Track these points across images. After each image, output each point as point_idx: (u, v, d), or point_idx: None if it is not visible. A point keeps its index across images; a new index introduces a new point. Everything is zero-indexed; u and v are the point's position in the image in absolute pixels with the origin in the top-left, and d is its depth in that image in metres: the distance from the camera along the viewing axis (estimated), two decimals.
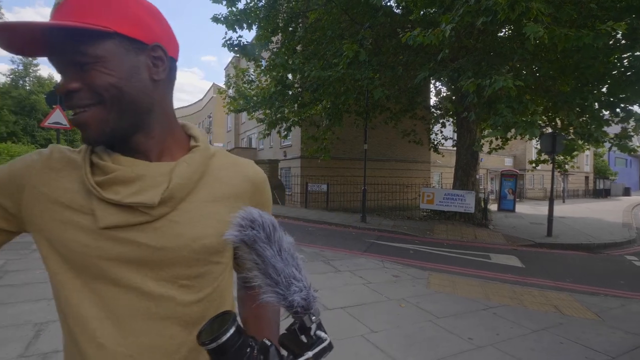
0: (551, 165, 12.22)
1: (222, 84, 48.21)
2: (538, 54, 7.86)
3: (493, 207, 18.59)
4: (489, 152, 15.21)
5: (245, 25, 9.83)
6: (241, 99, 12.61)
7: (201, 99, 61.55)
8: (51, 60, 0.57)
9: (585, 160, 40.48)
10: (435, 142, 14.64)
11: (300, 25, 11.15)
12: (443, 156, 17.75)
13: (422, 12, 7.85)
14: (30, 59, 44.48)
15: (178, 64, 0.66)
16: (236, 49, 10.29)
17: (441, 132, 14.30)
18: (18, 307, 3.39)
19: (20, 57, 43.48)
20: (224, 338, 0.47)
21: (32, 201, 0.58)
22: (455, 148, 12.69)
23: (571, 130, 9.72)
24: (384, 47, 10.22)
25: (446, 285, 4.80)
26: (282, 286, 0.49)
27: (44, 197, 0.58)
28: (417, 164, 19.71)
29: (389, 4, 10.82)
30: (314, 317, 0.51)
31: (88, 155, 0.60)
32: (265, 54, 11.53)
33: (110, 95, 0.56)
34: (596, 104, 7.79)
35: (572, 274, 6.16)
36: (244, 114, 15.20)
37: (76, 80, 0.55)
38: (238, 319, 0.51)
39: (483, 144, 12.82)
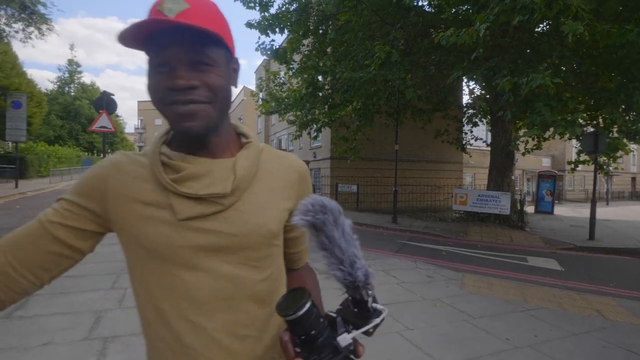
0: (593, 165, 11.73)
1: (252, 87, 49.08)
2: (579, 50, 7.57)
3: (530, 209, 17.97)
4: (524, 154, 14.72)
5: (277, 30, 10.08)
6: (273, 101, 12.90)
7: (232, 102, 63.28)
8: (171, 53, 0.60)
9: (632, 160, 38.11)
10: (464, 142, 14.29)
11: (331, 27, 11.28)
12: (470, 156, 17.32)
13: (453, 10, 7.74)
14: (75, 66, 47.30)
15: None
16: (268, 52, 10.56)
17: (471, 131, 13.98)
18: (79, 296, 3.70)
19: (66, 65, 46.33)
20: (303, 310, 0.54)
21: (115, 204, 0.65)
22: (489, 148, 12.39)
23: (614, 129, 9.26)
24: (415, 48, 10.15)
25: (481, 286, 4.76)
26: (346, 264, 0.56)
27: (124, 198, 0.65)
28: (449, 165, 19.32)
29: (420, 3, 10.75)
30: (370, 292, 0.58)
31: (158, 157, 0.67)
32: (297, 57, 11.73)
33: (221, 96, 0.64)
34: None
35: (615, 278, 5.91)
36: (275, 116, 15.53)
37: (196, 78, 0.61)
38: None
39: (519, 143, 12.47)
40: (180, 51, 0.60)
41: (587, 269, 6.61)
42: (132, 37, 0.59)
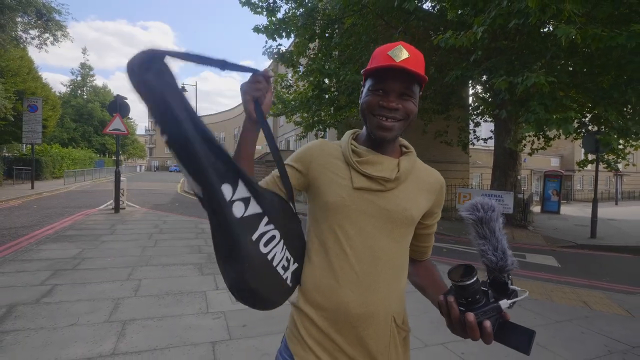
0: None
1: None
2: (573, 50, 7.74)
3: (537, 208, 17.99)
4: (530, 154, 14.77)
5: (284, 34, 10.38)
6: (280, 103, 13.21)
7: (240, 103, 63.75)
8: (389, 84, 0.88)
9: None
10: (466, 142, 14.44)
11: (337, 31, 11.55)
12: (470, 156, 17.42)
13: (459, 12, 7.95)
14: (87, 70, 48.24)
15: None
16: (276, 56, 10.87)
17: (474, 131, 14.11)
18: (98, 286, 4.03)
19: (79, 68, 47.25)
20: (473, 279, 0.74)
21: (315, 169, 0.97)
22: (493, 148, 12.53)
23: (607, 128, 9.35)
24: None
25: None
26: (499, 251, 0.76)
27: (321, 167, 0.96)
28: (456, 165, 19.39)
29: (423, 6, 10.96)
30: (511, 276, 0.77)
31: (350, 146, 0.96)
32: (303, 60, 12.02)
33: (411, 118, 0.92)
34: (634, 98, 7.53)
35: (611, 274, 6.07)
36: (282, 117, 15.83)
37: (399, 104, 0.89)
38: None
39: (524, 143, 12.55)
40: (396, 84, 0.88)
41: (583, 265, 6.77)
42: (369, 70, 0.90)
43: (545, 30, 8.75)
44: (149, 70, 0.66)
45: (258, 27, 10.29)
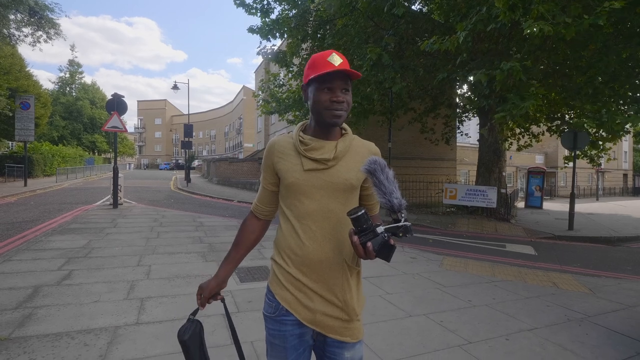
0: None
1: (249, 86, 49.18)
2: (548, 48, 8.29)
3: (521, 204, 18.67)
4: (519, 149, 15.40)
5: (277, 35, 10.73)
6: (274, 101, 13.55)
7: (231, 101, 63.68)
8: (335, 83, 1.14)
9: (623, 157, 38.86)
10: (449, 136, 15.07)
11: (329, 31, 11.93)
12: (451, 149, 18.09)
13: (445, 19, 8.40)
14: (76, 67, 47.72)
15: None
16: (269, 56, 11.21)
17: (458, 127, 14.74)
18: (112, 271, 4.38)
19: (67, 65, 46.72)
20: (361, 212, 1.00)
21: (277, 162, 1.24)
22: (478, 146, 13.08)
23: (582, 117, 9.96)
24: (407, 52, 10.84)
25: (457, 265, 5.45)
26: (387, 195, 0.99)
27: (279, 159, 1.24)
28: (443, 162, 20.00)
29: (412, 8, 11.41)
30: (404, 214, 1.00)
31: (298, 138, 1.22)
32: (296, 60, 12.37)
33: (349, 108, 1.19)
34: (607, 92, 8.15)
35: (581, 261, 6.61)
36: (275, 115, 16.17)
37: (343, 98, 1.15)
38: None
39: (510, 142, 13.09)
40: (340, 82, 1.16)
41: (558, 253, 7.30)
42: (314, 77, 1.15)
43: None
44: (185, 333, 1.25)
45: (252, 27, 10.62)
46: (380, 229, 1.00)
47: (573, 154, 10.56)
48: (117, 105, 10.26)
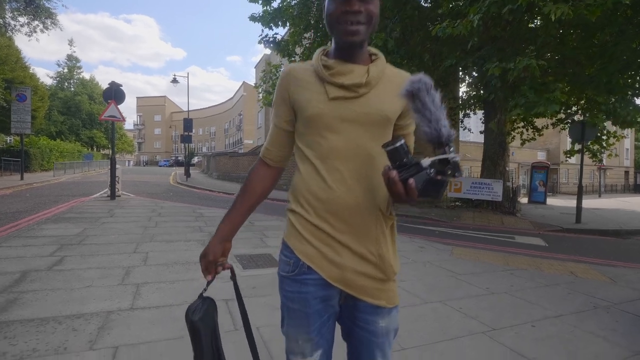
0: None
1: (251, 83, 48.95)
2: (563, 37, 8.04)
3: (524, 200, 18.46)
4: (522, 143, 15.16)
5: (280, 23, 10.46)
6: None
7: (231, 98, 63.36)
8: None
9: (625, 154, 38.70)
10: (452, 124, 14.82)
11: None
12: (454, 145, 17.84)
13: (450, 5, 8.15)
14: (74, 62, 47.36)
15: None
16: (272, 45, 10.94)
17: (462, 121, 14.47)
18: (107, 257, 4.14)
19: (65, 60, 46.38)
20: (399, 143, 0.78)
21: (293, 93, 1.02)
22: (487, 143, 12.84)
23: (595, 110, 9.70)
24: (412, 40, 10.58)
25: (469, 254, 5.22)
26: (434, 123, 0.75)
27: (297, 89, 1.01)
28: None
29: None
30: (452, 148, 0.75)
31: (320, 62, 0.99)
32: (299, 49, 12.10)
33: (373, 22, 0.95)
34: (621, 81, 7.89)
35: (594, 252, 6.39)
36: None
37: (361, 6, 0.91)
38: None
39: (513, 135, 12.85)
40: None
41: (569, 245, 7.08)
42: None
43: (532, 25, 9.05)
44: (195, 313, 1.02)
45: (254, 15, 10.35)
46: (425, 162, 0.76)
47: (581, 146, 10.33)
48: (114, 93, 10.00)
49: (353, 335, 1.06)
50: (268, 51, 14.62)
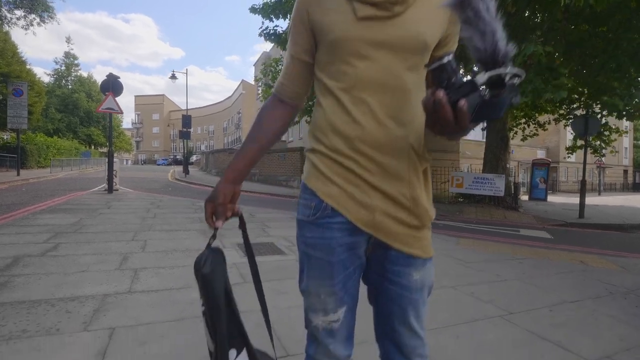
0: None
1: (249, 81, 48.83)
2: (569, 21, 7.92)
3: (524, 197, 18.37)
4: (524, 139, 15.06)
5: (280, 15, 10.32)
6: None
7: (230, 96, 63.14)
8: None
9: (624, 153, 38.74)
10: None
11: None
12: (455, 141, 17.76)
13: None
14: (72, 59, 47.06)
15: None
16: (272, 37, 10.80)
17: None
18: (104, 244, 4.00)
19: (63, 57, 46.08)
20: (448, 59, 0.62)
21: (313, 13, 0.86)
22: (484, 140, 12.74)
23: (610, 95, 9.52)
24: None
25: (476, 245, 5.10)
26: (489, 36, 0.59)
27: (318, 9, 0.85)
28: (446, 154, 19.61)
29: None
30: (509, 67, 0.58)
31: None
32: None
33: None
34: (632, 69, 7.77)
35: (600, 244, 6.27)
36: None
37: None
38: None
39: (515, 131, 12.73)
40: None
41: (575, 238, 6.97)
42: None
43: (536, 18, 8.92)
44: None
45: (255, 7, 10.21)
46: (480, 78, 0.59)
47: (585, 140, 10.23)
48: (112, 85, 9.84)
49: (382, 293, 0.92)
50: (267, 49, 14.48)
